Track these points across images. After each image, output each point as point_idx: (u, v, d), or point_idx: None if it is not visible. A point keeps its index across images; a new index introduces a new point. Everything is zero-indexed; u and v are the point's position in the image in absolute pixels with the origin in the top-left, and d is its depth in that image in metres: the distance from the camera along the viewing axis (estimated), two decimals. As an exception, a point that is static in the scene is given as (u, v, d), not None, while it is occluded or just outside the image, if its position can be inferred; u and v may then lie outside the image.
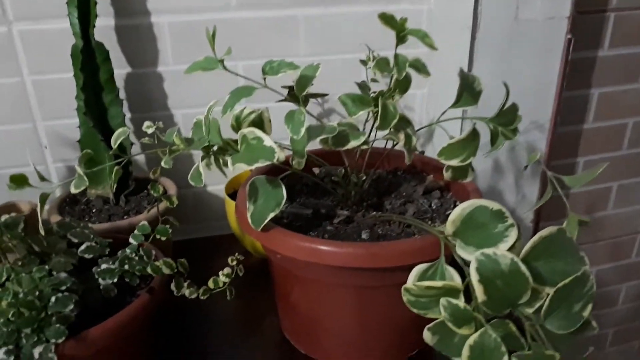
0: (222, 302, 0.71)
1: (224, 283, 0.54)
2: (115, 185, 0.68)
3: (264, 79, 0.47)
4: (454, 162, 0.47)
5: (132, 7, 0.72)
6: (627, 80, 0.95)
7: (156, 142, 0.58)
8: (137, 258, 0.51)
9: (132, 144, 0.71)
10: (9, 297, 0.42)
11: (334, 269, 0.50)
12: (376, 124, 0.47)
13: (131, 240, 0.52)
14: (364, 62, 0.76)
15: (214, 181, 0.85)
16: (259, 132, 0.45)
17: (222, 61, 0.46)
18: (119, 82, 0.73)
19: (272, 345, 0.63)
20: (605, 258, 1.16)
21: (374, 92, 0.54)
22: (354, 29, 0.80)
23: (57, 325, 0.43)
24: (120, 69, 0.74)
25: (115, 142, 0.48)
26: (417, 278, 0.42)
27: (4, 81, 0.72)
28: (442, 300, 0.36)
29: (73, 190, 0.44)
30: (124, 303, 0.49)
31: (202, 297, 0.53)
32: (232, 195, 0.77)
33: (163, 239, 0.52)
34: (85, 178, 0.43)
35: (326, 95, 0.66)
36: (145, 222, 0.53)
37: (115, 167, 0.49)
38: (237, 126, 0.53)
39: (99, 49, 0.66)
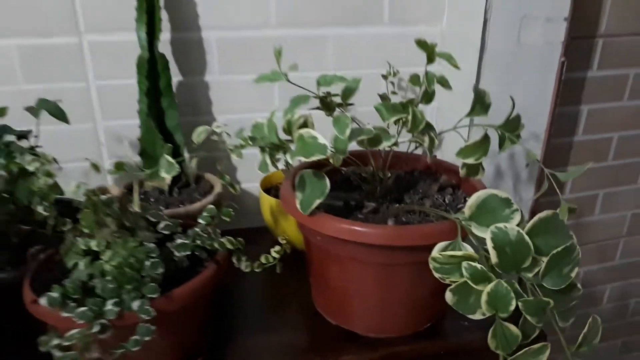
0: (259, 283, 0.82)
1: (274, 258, 0.64)
2: (170, 178, 0.78)
3: (318, 88, 0.58)
4: (470, 160, 0.58)
5: (186, 23, 0.83)
6: (613, 98, 1.07)
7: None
8: (205, 235, 0.61)
9: (186, 142, 0.82)
10: (115, 260, 0.52)
11: (367, 247, 0.61)
12: (407, 128, 0.58)
13: (200, 220, 0.62)
14: (384, 77, 0.88)
15: (247, 179, 0.96)
16: (313, 132, 0.56)
17: (286, 75, 0.57)
18: (171, 89, 0.84)
19: (307, 317, 0.73)
20: (592, 260, 1.27)
21: (399, 102, 0.65)
22: (375, 48, 0.91)
23: (152, 284, 0.53)
24: (173, 77, 0.85)
25: (197, 137, 0.58)
26: (439, 251, 0.52)
27: (72, 85, 0.83)
28: (464, 264, 0.47)
29: (164, 175, 0.54)
30: (193, 272, 0.59)
31: (256, 270, 0.63)
32: (266, 190, 0.87)
33: (228, 219, 0.63)
34: (176, 165, 0.54)
35: (352, 105, 0.77)
36: (212, 206, 0.63)
37: (174, 162, 0.60)
38: (288, 128, 0.64)
39: (161, 59, 0.77)
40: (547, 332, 0.57)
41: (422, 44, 0.55)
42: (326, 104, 0.72)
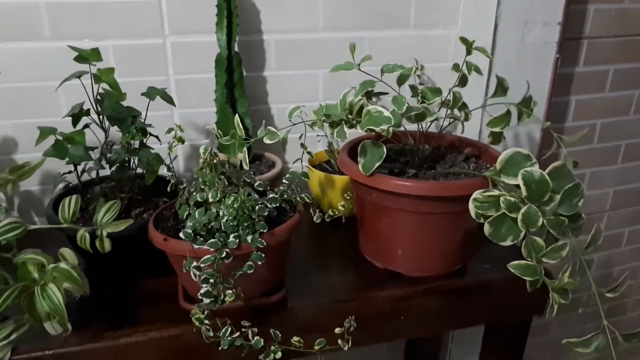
0: (314, 239, 0.98)
1: (340, 211, 0.81)
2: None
3: (381, 75, 0.75)
4: (496, 129, 0.76)
5: (251, 27, 1.00)
6: (596, 90, 1.27)
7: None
8: (289, 191, 0.78)
9: (253, 126, 0.99)
10: (236, 204, 0.69)
11: (415, 199, 0.77)
12: (448, 105, 0.76)
13: (285, 181, 0.79)
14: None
15: (292, 159, 1.13)
16: (380, 108, 0.73)
17: (359, 65, 0.74)
18: (235, 82, 1.01)
19: (358, 263, 0.89)
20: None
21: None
22: (402, 47, 1.09)
23: (262, 222, 0.70)
24: (238, 72, 1.02)
25: (290, 114, 0.75)
26: (479, 194, 0.70)
27: (154, 79, 0.99)
28: (502, 198, 0.65)
29: (267, 141, 0.71)
30: (280, 220, 0.76)
31: (326, 220, 0.80)
32: (314, 167, 1.04)
33: (306, 180, 0.80)
34: (278, 132, 0.70)
35: (387, 93, 0.95)
36: (294, 170, 0.80)
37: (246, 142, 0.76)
38: (349, 108, 0.81)
39: (236, 57, 0.94)
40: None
41: (464, 40, 0.73)
42: (367, 93, 0.90)
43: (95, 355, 0.71)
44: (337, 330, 0.66)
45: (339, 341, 0.66)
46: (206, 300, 0.64)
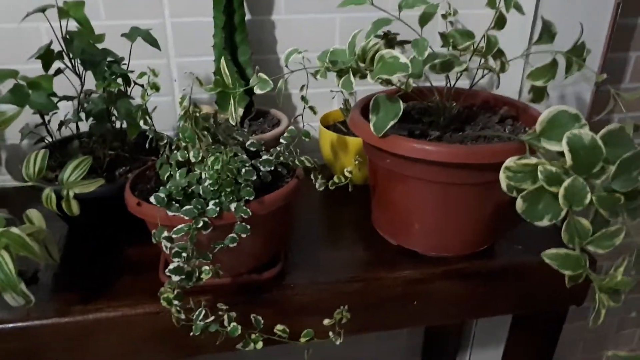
0: (322, 209, 0.88)
1: (346, 178, 0.70)
2: (242, 110, 0.84)
3: (399, 12, 0.62)
4: (538, 83, 0.63)
5: (257, -36, 0.87)
6: (662, 46, 1.09)
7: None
8: (286, 153, 0.67)
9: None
10: (217, 165, 0.58)
11: (436, 166, 0.65)
12: (480, 53, 0.62)
13: (282, 140, 0.68)
14: (444, 16, 0.91)
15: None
16: (395, 52, 0.60)
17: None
18: (239, 27, 0.88)
19: (370, 238, 0.78)
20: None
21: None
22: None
23: (248, 188, 0.59)
24: (242, 16, 0.90)
25: (286, 59, 0.63)
26: (513, 161, 0.57)
27: (148, 22, 0.88)
28: (540, 167, 0.52)
29: (258, 91, 0.59)
30: (275, 186, 0.65)
31: (330, 188, 0.69)
32: (327, 127, 0.92)
33: (307, 140, 0.68)
34: (269, 80, 0.59)
35: (410, 42, 0.81)
36: (293, 127, 0.68)
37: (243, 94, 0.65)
38: (362, 54, 0.69)
39: (239, -4, 0.82)
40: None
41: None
42: (388, 40, 0.77)
43: (61, 330, 0.63)
44: (325, 322, 0.55)
45: (330, 334, 0.55)
46: (176, 278, 0.54)
